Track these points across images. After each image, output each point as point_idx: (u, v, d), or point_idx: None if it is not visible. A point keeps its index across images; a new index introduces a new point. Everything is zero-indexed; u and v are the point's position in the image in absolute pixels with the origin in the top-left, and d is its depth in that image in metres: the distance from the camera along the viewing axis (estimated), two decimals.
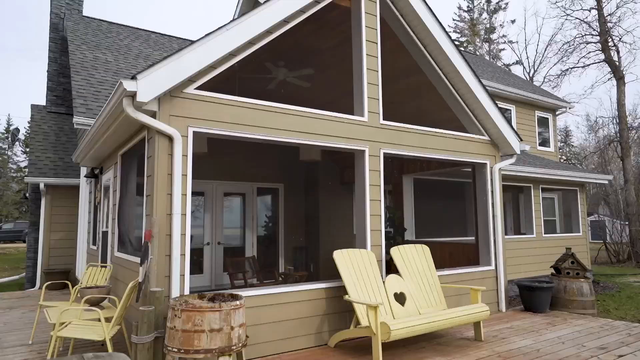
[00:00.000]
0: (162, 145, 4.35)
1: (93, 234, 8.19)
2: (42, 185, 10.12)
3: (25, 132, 46.10)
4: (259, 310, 4.72)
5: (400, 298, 5.47)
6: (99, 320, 4.58)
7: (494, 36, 32.21)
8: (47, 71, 12.73)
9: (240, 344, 3.66)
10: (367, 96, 5.90)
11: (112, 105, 4.44)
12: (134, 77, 4.05)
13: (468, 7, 33.94)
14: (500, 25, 32.51)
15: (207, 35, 4.49)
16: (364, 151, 5.78)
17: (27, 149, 44.65)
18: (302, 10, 5.33)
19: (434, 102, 7.39)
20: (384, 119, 6.42)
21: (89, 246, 8.57)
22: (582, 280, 7.09)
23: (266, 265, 9.87)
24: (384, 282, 5.41)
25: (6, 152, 46.41)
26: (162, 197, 4.30)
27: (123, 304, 4.06)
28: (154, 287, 4.06)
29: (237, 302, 3.73)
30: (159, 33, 13.72)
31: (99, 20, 12.81)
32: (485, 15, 32.92)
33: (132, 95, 4.12)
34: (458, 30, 33.74)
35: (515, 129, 13.76)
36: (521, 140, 7.50)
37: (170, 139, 4.38)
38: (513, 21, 32.29)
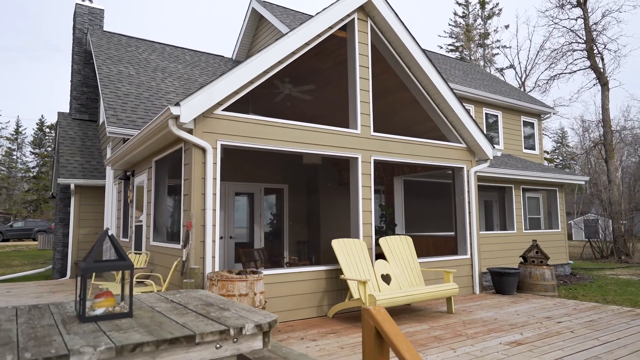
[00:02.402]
0: (197, 156, 5.56)
1: (123, 227, 9.38)
2: (72, 186, 11.32)
3: (35, 133, 47.36)
4: (272, 286, 5.92)
5: (386, 278, 6.67)
6: (147, 292, 5.79)
7: (488, 41, 33.41)
8: (71, 81, 13.94)
9: (261, 307, 4.87)
10: (360, 112, 7.11)
11: (157, 123, 5.63)
12: (177, 104, 5.25)
13: (463, 12, 35.14)
14: (495, 30, 33.71)
15: (232, 69, 5.69)
16: (357, 158, 6.98)
17: (37, 150, 45.88)
18: (307, 44, 6.53)
19: (418, 115, 8.59)
20: (374, 131, 7.62)
21: (119, 239, 9.76)
22: (544, 267, 8.30)
23: (273, 256, 11.08)
24: (373, 265, 6.61)
25: (14, 152, 47.64)
26: (197, 196, 5.50)
27: (170, 277, 5.27)
28: (192, 265, 5.27)
29: (258, 275, 4.93)
30: (173, 45, 14.90)
31: (119, 35, 13.99)
32: (479, 21, 34.14)
33: (176, 117, 5.32)
34: (453, 36, 34.96)
35: (501, 135, 14.94)
36: (494, 147, 8.69)
37: (203, 150, 5.59)
38: (507, 26, 33.47)
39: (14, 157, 47.17)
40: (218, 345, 1.97)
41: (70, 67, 14.45)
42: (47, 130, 48.04)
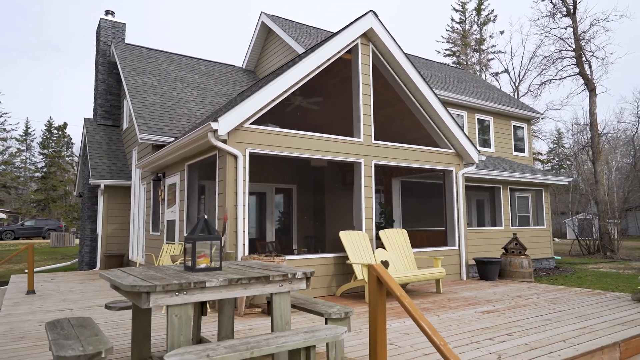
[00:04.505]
0: (230, 161, 6.79)
1: (153, 222, 10.60)
2: (102, 186, 12.55)
3: (43, 134, 48.54)
4: None
5: (385, 264, 7.90)
6: None
7: (483, 46, 34.67)
8: (96, 89, 15.17)
9: None
10: (362, 123, 8.34)
11: (198, 134, 6.85)
12: (215, 120, 6.48)
13: (460, 18, 36.39)
14: (490, 36, 34.97)
15: (258, 89, 6.92)
16: (360, 163, 8.21)
17: (46, 151, 46.99)
18: (318, 67, 7.76)
19: (413, 124, 9.82)
20: (375, 139, 8.85)
21: (149, 233, 10.98)
22: (522, 257, 9.54)
23: (284, 249, 12.32)
24: (374, 253, 7.85)
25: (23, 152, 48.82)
26: (230, 194, 6.74)
27: None
28: (228, 250, 6.50)
29: (282, 257, 6.17)
30: (188, 56, 16.13)
31: (140, 47, 15.21)
32: (475, 27, 35.40)
33: (214, 130, 6.55)
34: (451, 41, 36.21)
35: (493, 139, 16.14)
36: (479, 152, 9.92)
37: (235, 157, 6.82)
38: (502, 32, 34.71)
39: (23, 157, 48.39)
40: (280, 284, 3.20)
41: (94, 76, 15.68)
42: (55, 131, 49.23)
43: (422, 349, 4.31)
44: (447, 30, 36.73)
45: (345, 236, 7.64)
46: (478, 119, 16.08)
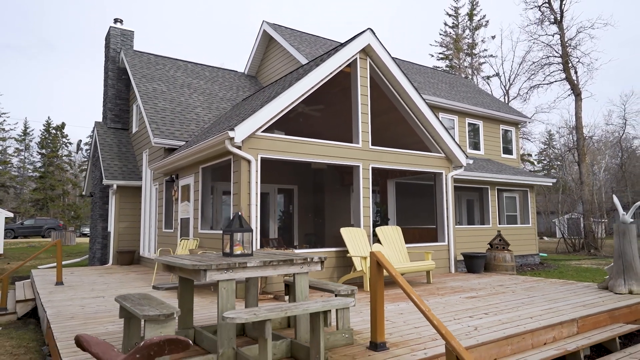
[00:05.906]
0: (244, 165, 7.64)
1: (166, 220, 11.41)
2: (114, 186, 13.33)
3: (43, 134, 49.00)
4: None
5: None
6: None
7: (475, 51, 35.70)
8: (105, 94, 15.93)
9: None
10: (361, 130, 9.22)
11: (216, 141, 7.68)
12: (232, 129, 7.32)
13: (453, 23, 37.42)
14: (482, 40, 36.03)
15: (268, 101, 7.78)
16: (359, 166, 9.09)
17: (43, 151, 47.43)
18: (322, 80, 8.63)
19: (406, 130, 10.71)
20: (372, 145, 9.73)
21: (161, 230, 11.79)
22: (506, 252, 10.47)
23: (286, 245, 13.18)
24: (371, 247, 8.73)
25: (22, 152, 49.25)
26: (244, 195, 7.59)
27: None
28: None
29: (291, 249, 7.03)
30: (194, 62, 16.94)
31: (148, 54, 15.99)
32: (468, 31, 36.43)
33: (231, 138, 7.39)
34: (444, 45, 37.22)
35: (482, 142, 17.06)
36: (467, 156, 10.83)
37: (248, 161, 7.67)
38: (493, 37, 35.82)
39: (22, 156, 48.86)
40: (301, 266, 4.06)
41: (103, 82, 16.42)
42: (53, 131, 49.72)
43: (412, 324, 5.19)
44: (440, 35, 37.76)
45: (345, 232, 8.51)
46: (468, 123, 17.00)
